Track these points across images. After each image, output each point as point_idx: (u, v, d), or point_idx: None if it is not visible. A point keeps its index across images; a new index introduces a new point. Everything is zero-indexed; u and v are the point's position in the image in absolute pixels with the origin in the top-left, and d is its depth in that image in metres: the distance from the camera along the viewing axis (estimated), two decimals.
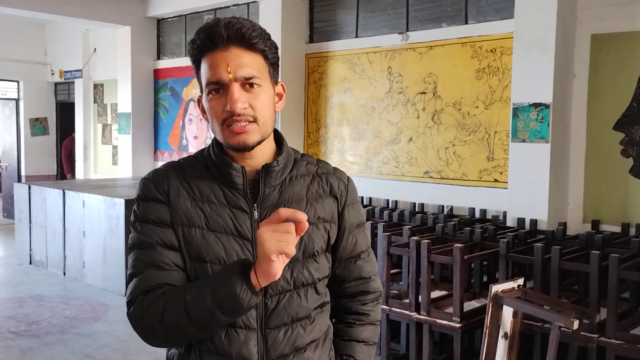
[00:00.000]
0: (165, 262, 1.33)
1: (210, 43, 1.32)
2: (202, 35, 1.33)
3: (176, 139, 9.26)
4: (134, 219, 1.40)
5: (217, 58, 1.32)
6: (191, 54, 1.38)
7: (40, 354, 4.72)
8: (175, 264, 1.34)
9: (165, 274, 1.32)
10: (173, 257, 1.34)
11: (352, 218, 1.50)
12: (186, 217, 1.36)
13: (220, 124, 1.34)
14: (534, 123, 4.91)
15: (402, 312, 4.08)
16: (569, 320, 2.82)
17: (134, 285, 1.33)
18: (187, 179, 1.40)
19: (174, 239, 1.36)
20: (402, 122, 6.36)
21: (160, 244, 1.35)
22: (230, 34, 1.31)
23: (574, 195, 5.10)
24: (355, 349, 1.55)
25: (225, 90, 1.32)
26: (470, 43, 5.80)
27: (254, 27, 1.34)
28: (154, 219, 1.37)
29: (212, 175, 1.40)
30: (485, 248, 4.27)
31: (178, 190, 1.38)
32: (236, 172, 1.38)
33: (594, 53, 4.99)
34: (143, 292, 1.31)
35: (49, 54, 11.36)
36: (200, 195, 1.38)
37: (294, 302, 1.39)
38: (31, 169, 11.38)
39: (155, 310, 1.28)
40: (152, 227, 1.36)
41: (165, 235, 1.35)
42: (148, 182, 1.41)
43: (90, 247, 6.81)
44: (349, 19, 6.92)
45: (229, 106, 1.31)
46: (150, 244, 1.35)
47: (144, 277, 1.32)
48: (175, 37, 9.31)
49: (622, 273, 3.47)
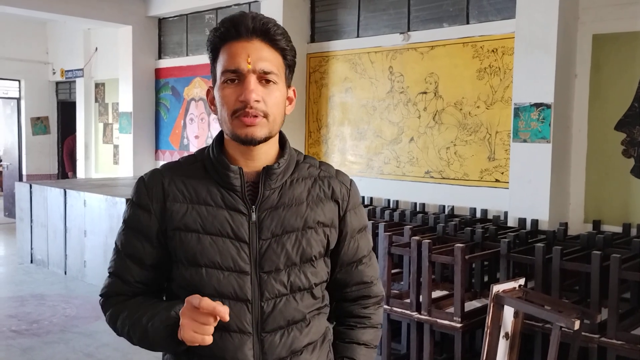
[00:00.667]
0: (129, 280, 1.42)
1: (235, 32, 1.32)
2: (227, 24, 1.34)
3: (177, 139, 9.27)
4: (123, 216, 1.45)
5: (239, 48, 1.32)
6: (212, 42, 1.37)
7: (41, 352, 4.73)
8: (138, 281, 1.42)
9: (128, 288, 1.42)
10: (138, 275, 1.42)
11: (353, 223, 1.49)
12: (182, 222, 1.36)
13: (231, 114, 1.33)
14: (535, 123, 4.90)
15: (403, 312, 4.08)
16: (570, 321, 2.82)
17: (105, 283, 1.46)
18: (184, 180, 1.39)
19: (148, 254, 1.40)
20: (403, 122, 6.36)
21: (131, 257, 1.41)
22: (257, 26, 1.32)
23: (575, 195, 5.09)
24: (355, 352, 1.54)
25: (241, 81, 1.32)
26: (471, 43, 5.80)
27: (278, 26, 1.36)
28: (134, 227, 1.40)
29: (209, 176, 1.39)
30: (486, 248, 4.26)
31: (174, 193, 1.38)
32: (234, 174, 1.36)
33: (595, 53, 4.99)
34: (107, 295, 1.45)
35: (50, 53, 11.36)
36: (197, 197, 1.37)
37: (290, 306, 1.37)
38: (32, 168, 11.39)
39: (112, 317, 1.42)
40: (131, 236, 1.41)
41: (138, 249, 1.40)
42: (142, 186, 1.41)
43: (91, 246, 6.81)
44: (350, 18, 6.92)
45: (244, 96, 1.30)
46: (124, 254, 1.42)
47: (110, 282, 1.45)
48: (176, 36, 9.31)
49: (623, 273, 3.46)
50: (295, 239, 1.38)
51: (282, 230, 1.37)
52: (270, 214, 1.37)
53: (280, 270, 1.36)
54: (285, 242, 1.37)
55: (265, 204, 1.38)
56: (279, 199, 1.39)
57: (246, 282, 1.35)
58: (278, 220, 1.37)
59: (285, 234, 1.37)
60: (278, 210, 1.38)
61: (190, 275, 1.35)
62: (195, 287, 1.33)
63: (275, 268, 1.36)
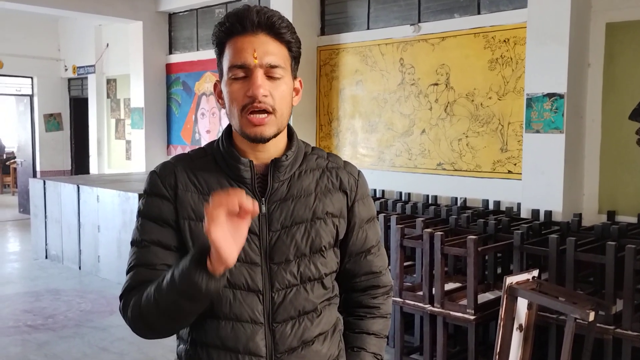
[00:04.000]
0: (155, 262, 1.34)
1: (240, 27, 1.32)
2: (232, 19, 1.33)
3: (189, 133, 9.29)
4: (138, 212, 1.42)
5: (245, 42, 1.32)
6: (217, 37, 1.36)
7: (57, 347, 4.77)
8: (164, 264, 1.34)
9: (154, 273, 1.33)
10: (164, 257, 1.35)
11: (362, 213, 1.49)
12: (193, 211, 1.36)
13: (240, 110, 1.33)
14: (548, 113, 4.86)
15: (415, 304, 4.07)
16: (585, 312, 2.80)
17: (125, 282, 1.36)
18: (195, 172, 1.39)
19: (171, 238, 1.36)
20: (414, 114, 6.33)
21: (155, 243, 1.36)
22: (262, 20, 1.32)
23: (589, 186, 5.05)
24: (365, 341, 1.54)
25: (248, 76, 1.32)
26: (483, 33, 5.75)
27: (283, 18, 1.36)
28: (154, 216, 1.38)
29: (220, 168, 1.40)
30: (499, 240, 4.24)
31: (186, 183, 1.38)
32: (244, 167, 1.37)
33: (609, 42, 4.93)
34: (130, 287, 1.34)
35: (62, 49, 11.43)
36: (208, 189, 1.37)
37: (301, 297, 1.38)
38: (46, 165, 11.49)
39: (135, 304, 1.30)
40: (151, 224, 1.37)
41: (162, 234, 1.36)
42: (155, 176, 1.41)
43: (105, 242, 6.86)
44: (360, 10, 6.88)
45: (252, 91, 1.30)
46: (146, 243, 1.36)
47: (134, 274, 1.35)
48: (186, 31, 9.32)
49: (638, 264, 3.43)
50: (304, 230, 1.38)
51: (292, 222, 1.38)
52: (280, 205, 1.38)
53: (290, 261, 1.37)
54: (294, 234, 1.37)
55: (274, 196, 1.38)
56: (288, 191, 1.40)
57: (257, 273, 1.35)
58: (287, 212, 1.38)
59: (294, 225, 1.38)
60: (287, 202, 1.38)
61: None
62: None
63: (285, 259, 1.37)
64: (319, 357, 1.41)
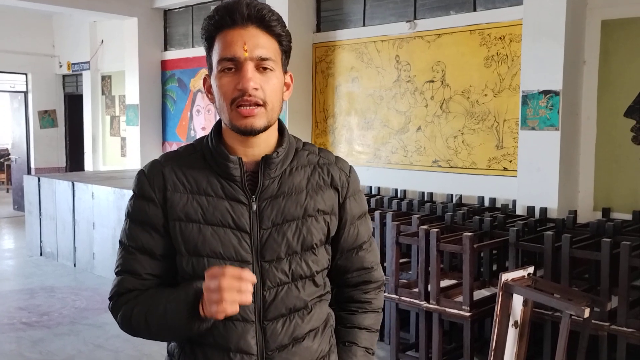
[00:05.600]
0: (140, 272, 1.39)
1: (230, 20, 1.31)
2: (222, 12, 1.32)
3: (184, 130, 9.27)
4: (126, 213, 1.43)
5: (235, 35, 1.31)
6: (206, 30, 1.35)
7: (51, 344, 4.76)
8: (149, 273, 1.39)
9: (140, 282, 1.39)
10: (150, 267, 1.39)
11: (353, 209, 1.48)
12: (183, 212, 1.35)
13: (229, 103, 1.32)
14: (544, 111, 4.87)
15: (411, 301, 4.08)
16: (580, 309, 2.80)
17: (113, 284, 1.42)
18: (184, 170, 1.39)
19: (157, 246, 1.38)
20: (410, 111, 6.32)
21: (141, 250, 1.38)
22: (251, 13, 1.31)
23: (584, 183, 5.06)
24: (357, 336, 1.55)
25: (238, 69, 1.31)
26: (478, 30, 5.75)
27: (273, 11, 1.35)
28: (141, 220, 1.39)
29: (209, 166, 1.38)
30: (495, 237, 4.25)
31: (174, 184, 1.37)
32: (233, 165, 1.36)
33: (604, 39, 4.93)
34: (117, 294, 1.40)
35: (56, 46, 11.38)
36: (197, 188, 1.36)
37: (292, 294, 1.38)
38: (40, 161, 11.44)
39: (125, 316, 1.37)
40: (138, 229, 1.39)
41: (147, 241, 1.38)
42: (143, 177, 1.41)
43: (99, 239, 6.84)
44: (356, 7, 6.87)
45: (242, 84, 1.29)
46: (132, 249, 1.39)
47: (121, 281, 1.40)
48: (182, 28, 9.29)
49: (633, 261, 3.44)
50: (295, 227, 1.37)
51: (283, 219, 1.37)
52: (271, 203, 1.37)
53: (281, 259, 1.36)
54: (286, 231, 1.37)
55: (265, 194, 1.37)
56: (279, 188, 1.39)
57: None
58: (278, 209, 1.37)
59: (285, 223, 1.37)
60: (278, 199, 1.38)
61: (192, 265, 1.35)
62: (197, 278, 1.32)
63: (277, 257, 1.36)
64: (309, 353, 1.41)
